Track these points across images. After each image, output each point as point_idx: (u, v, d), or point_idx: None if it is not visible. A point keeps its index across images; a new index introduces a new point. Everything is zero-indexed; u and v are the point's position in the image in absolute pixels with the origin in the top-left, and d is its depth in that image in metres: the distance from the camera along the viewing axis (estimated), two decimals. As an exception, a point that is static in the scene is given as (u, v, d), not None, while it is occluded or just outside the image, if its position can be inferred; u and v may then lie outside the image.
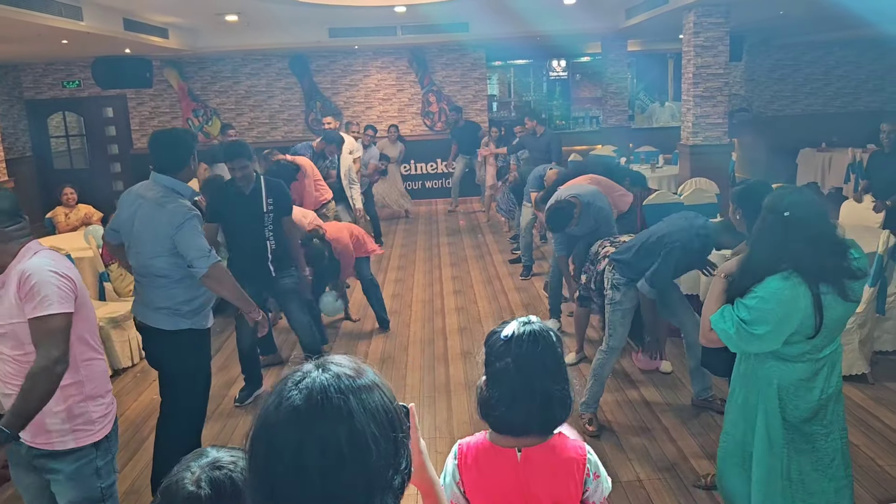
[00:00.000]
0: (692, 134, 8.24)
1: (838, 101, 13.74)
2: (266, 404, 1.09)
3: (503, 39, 11.65)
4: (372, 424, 1.06)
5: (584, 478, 1.78)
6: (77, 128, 13.04)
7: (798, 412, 2.61)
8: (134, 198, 3.52)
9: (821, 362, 2.59)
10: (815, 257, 2.45)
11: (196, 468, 1.45)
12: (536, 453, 1.77)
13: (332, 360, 1.12)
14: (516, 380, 1.74)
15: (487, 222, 11.19)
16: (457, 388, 5.01)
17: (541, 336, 1.76)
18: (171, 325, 3.49)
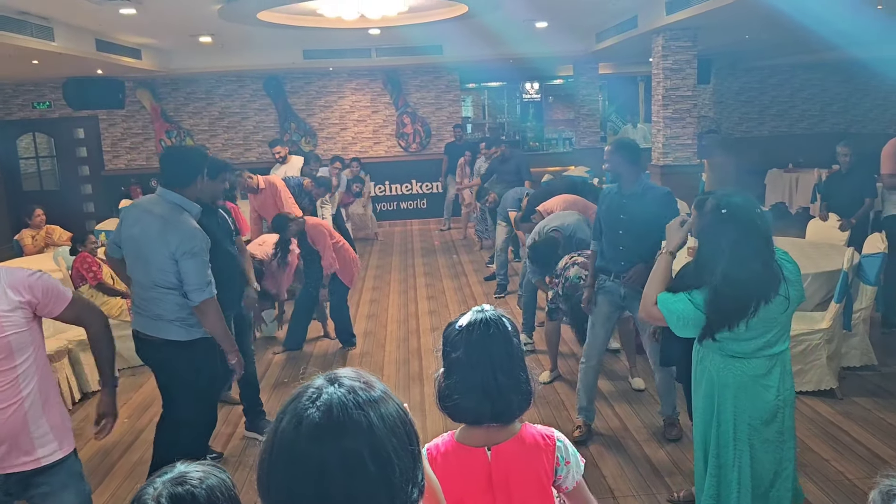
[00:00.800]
0: (663, 154, 8.38)
1: (804, 123, 14.06)
2: (280, 425, 1.05)
3: (477, 62, 11.77)
4: (393, 439, 1.05)
5: (554, 466, 1.79)
6: (47, 149, 12.90)
7: (757, 412, 2.72)
8: (139, 213, 3.53)
9: (773, 360, 2.73)
10: (743, 255, 2.59)
11: (159, 483, 1.42)
12: (506, 449, 1.78)
13: (341, 374, 1.10)
14: (467, 367, 1.75)
15: (463, 240, 11.27)
16: (432, 406, 4.98)
17: (493, 323, 1.77)
18: (186, 335, 3.50)
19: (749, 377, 2.72)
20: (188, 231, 3.40)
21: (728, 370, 2.74)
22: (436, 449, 1.84)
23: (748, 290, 2.60)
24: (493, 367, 1.74)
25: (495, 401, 1.75)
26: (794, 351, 4.75)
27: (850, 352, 5.16)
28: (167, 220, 3.41)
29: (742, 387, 2.73)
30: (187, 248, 3.36)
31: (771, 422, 2.74)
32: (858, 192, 6.33)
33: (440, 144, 13.01)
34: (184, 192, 3.52)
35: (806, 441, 4.21)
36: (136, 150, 12.82)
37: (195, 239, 3.40)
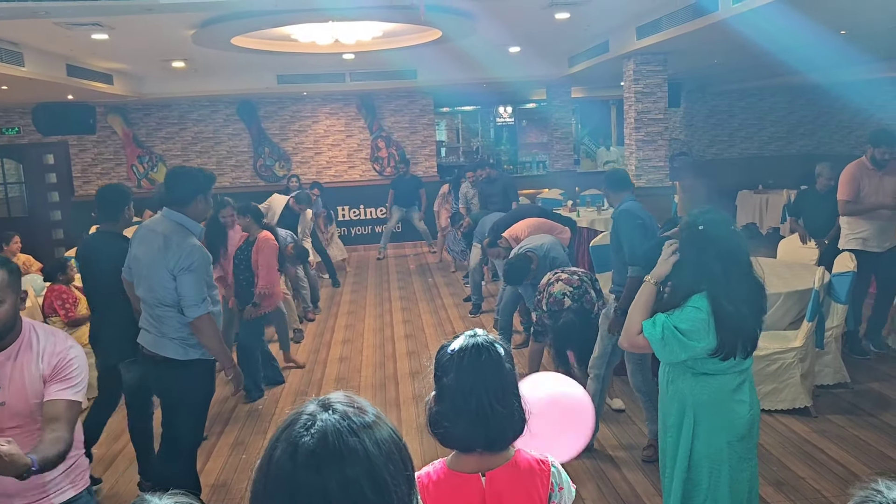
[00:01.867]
0: (635, 176, 8.46)
1: (772, 145, 14.32)
2: (275, 454, 1.03)
3: (451, 86, 11.85)
4: (390, 465, 1.04)
5: (549, 492, 1.75)
6: (16, 175, 12.71)
7: (734, 429, 2.73)
8: (145, 232, 3.65)
9: (743, 375, 2.77)
10: (725, 272, 2.63)
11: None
12: (501, 475, 1.73)
13: (333, 399, 1.08)
14: (459, 393, 1.71)
15: (438, 263, 11.26)
16: (409, 430, 4.95)
17: (484, 348, 1.73)
18: (183, 354, 3.56)
19: (723, 393, 2.73)
20: (187, 247, 3.49)
21: (701, 388, 2.74)
22: (427, 477, 1.78)
23: (744, 306, 2.63)
24: (486, 394, 1.70)
25: (488, 428, 1.70)
26: (768, 370, 4.80)
27: (824, 370, 5.21)
28: (168, 238, 3.51)
29: (717, 404, 2.73)
30: (185, 264, 3.45)
31: (746, 437, 2.76)
32: (834, 212, 6.37)
33: (415, 168, 13.03)
34: (186, 212, 3.61)
35: (782, 459, 4.23)
36: (108, 176, 12.68)
37: (193, 255, 3.48)
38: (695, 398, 2.75)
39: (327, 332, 7.67)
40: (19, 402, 2.30)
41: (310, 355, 6.85)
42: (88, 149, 12.60)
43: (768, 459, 4.23)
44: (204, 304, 3.50)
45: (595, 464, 4.37)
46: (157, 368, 3.65)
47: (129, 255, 3.75)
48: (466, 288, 8.91)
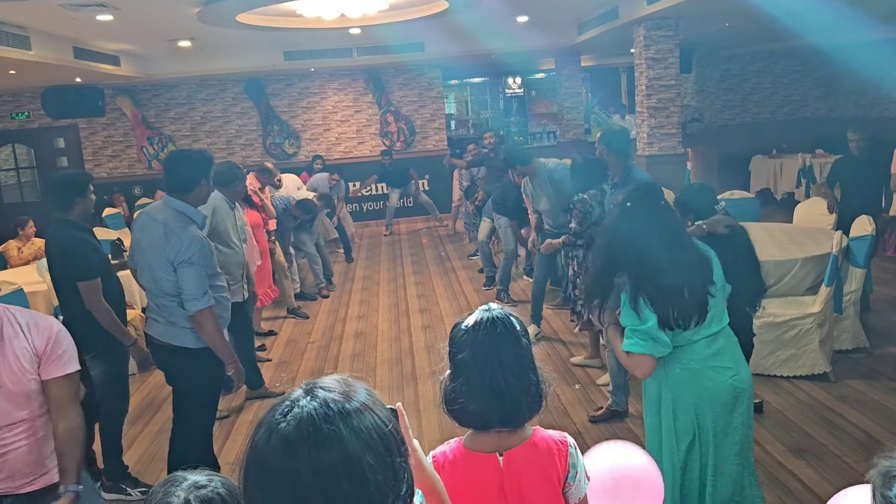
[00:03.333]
0: (647, 144, 8.37)
1: (786, 109, 14.12)
2: (256, 436, 1.05)
3: (458, 58, 11.74)
4: (368, 454, 1.02)
5: (566, 472, 1.73)
6: (27, 160, 12.75)
7: (715, 397, 2.66)
8: (146, 220, 3.53)
9: (717, 340, 2.69)
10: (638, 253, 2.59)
11: (181, 492, 1.42)
12: (518, 454, 1.71)
13: (320, 385, 1.08)
14: (474, 368, 1.68)
15: (451, 236, 11.29)
16: (427, 406, 4.97)
17: (500, 321, 1.70)
18: (197, 342, 3.49)
19: (697, 362, 2.66)
20: (187, 239, 3.37)
21: (673, 362, 2.67)
22: (443, 456, 1.76)
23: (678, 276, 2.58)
24: (500, 368, 1.67)
25: (504, 403, 1.67)
26: (786, 336, 4.78)
27: (842, 335, 5.18)
28: (168, 226, 3.39)
29: (692, 375, 2.66)
30: (185, 256, 3.34)
31: (731, 404, 2.68)
32: (879, 183, 6.12)
33: (425, 142, 12.97)
34: (187, 198, 3.50)
35: (802, 426, 4.21)
36: (118, 158, 12.70)
37: (193, 247, 3.37)
38: (668, 373, 2.69)
39: (342, 307, 7.69)
40: (17, 385, 2.33)
41: (325, 331, 6.88)
42: (98, 131, 12.61)
43: (788, 426, 4.22)
44: (205, 298, 3.40)
45: (615, 434, 4.37)
46: (171, 358, 3.58)
47: (132, 242, 3.66)
48: (476, 259, 8.97)
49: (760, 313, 4.85)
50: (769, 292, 5.01)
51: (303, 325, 7.12)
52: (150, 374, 5.82)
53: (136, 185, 12.40)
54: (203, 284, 3.41)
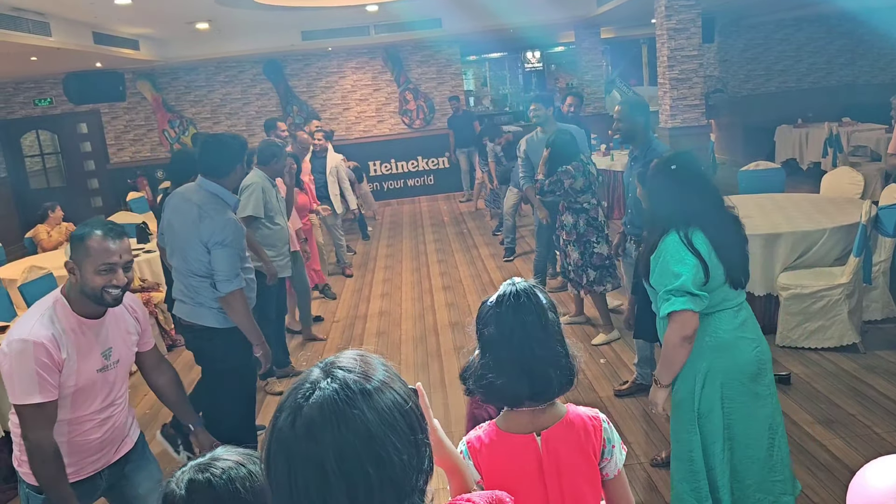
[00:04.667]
0: (670, 117, 8.27)
1: (811, 77, 13.86)
2: (279, 421, 1.05)
3: (476, 34, 11.64)
4: (391, 434, 1.02)
5: (601, 448, 1.72)
6: (52, 146, 12.89)
7: (742, 368, 2.67)
8: (179, 201, 3.58)
9: (741, 310, 2.72)
10: (702, 204, 2.67)
11: (187, 467, 1.47)
12: (555, 433, 1.69)
13: (338, 365, 1.07)
14: (500, 342, 1.66)
15: (473, 212, 11.28)
16: (452, 382, 4.99)
17: (524, 293, 1.68)
18: (225, 322, 3.54)
19: (726, 332, 2.66)
20: (221, 221, 3.43)
21: (702, 333, 2.65)
22: (478, 440, 1.73)
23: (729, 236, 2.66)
24: (527, 340, 1.64)
25: (533, 377, 1.64)
26: (814, 307, 4.73)
27: (871, 305, 5.11)
28: (203, 208, 3.44)
29: (721, 346, 2.65)
30: (219, 238, 3.39)
31: (757, 375, 2.69)
32: None
33: (444, 119, 12.91)
34: (222, 182, 3.55)
35: (831, 397, 4.18)
36: (140, 142, 12.80)
37: (227, 229, 3.42)
38: (699, 342, 2.66)
39: (365, 286, 7.73)
40: (128, 358, 2.59)
41: (349, 310, 6.92)
42: (120, 116, 12.69)
43: (817, 398, 4.19)
44: (237, 280, 3.45)
45: (641, 408, 4.36)
46: (199, 338, 3.62)
47: (163, 222, 3.72)
48: (498, 235, 9.07)
49: (787, 284, 4.82)
50: (796, 263, 4.97)
51: (327, 304, 7.16)
52: (178, 354, 5.90)
53: (159, 169, 12.48)
54: (235, 266, 3.47)
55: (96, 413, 2.46)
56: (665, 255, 2.63)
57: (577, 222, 5.31)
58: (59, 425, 2.35)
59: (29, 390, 2.21)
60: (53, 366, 2.26)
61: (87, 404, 2.43)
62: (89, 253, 2.32)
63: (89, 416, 2.45)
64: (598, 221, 5.33)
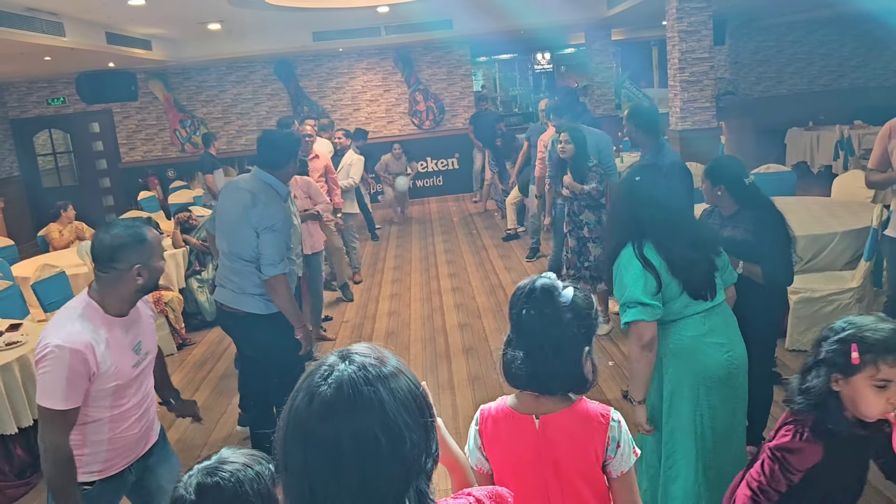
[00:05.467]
0: (680, 119, 8.25)
1: (823, 80, 13.80)
2: (295, 402, 1.08)
3: (487, 35, 11.64)
4: (404, 413, 1.06)
5: (605, 446, 1.72)
6: (64, 145, 12.98)
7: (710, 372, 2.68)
8: (233, 188, 3.80)
9: (712, 316, 2.72)
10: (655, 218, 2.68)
11: (195, 470, 1.47)
12: (555, 420, 1.73)
13: (354, 351, 1.12)
14: (515, 327, 1.75)
15: (482, 213, 11.29)
16: (460, 383, 5.01)
17: (541, 289, 1.74)
18: (266, 308, 3.68)
19: (692, 339, 2.69)
20: (272, 207, 3.61)
21: (668, 337, 2.70)
22: (488, 412, 1.83)
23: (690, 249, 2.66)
24: (538, 331, 1.71)
25: (536, 364, 1.71)
26: (824, 311, 4.72)
27: (881, 310, 5.09)
28: (256, 195, 3.63)
29: (687, 351, 2.69)
30: (269, 223, 3.57)
31: (726, 379, 2.71)
32: None
33: (454, 120, 12.93)
34: (276, 174, 3.75)
35: (840, 401, 4.16)
36: (152, 142, 12.87)
37: (277, 216, 3.61)
38: (663, 348, 2.71)
39: (374, 287, 7.75)
40: (154, 347, 2.66)
41: (358, 311, 6.94)
42: (132, 115, 12.77)
43: (825, 401, 4.17)
44: (282, 265, 3.60)
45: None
46: (239, 325, 3.76)
47: (217, 208, 3.88)
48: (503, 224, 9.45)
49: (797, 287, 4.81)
50: (807, 267, 4.96)
51: (338, 304, 7.19)
52: (189, 353, 5.93)
53: (170, 168, 12.55)
54: (282, 251, 3.61)
55: (135, 408, 2.53)
56: (619, 266, 2.70)
57: (600, 218, 5.34)
58: (100, 424, 2.39)
59: (56, 395, 2.24)
60: (85, 373, 2.29)
61: (126, 400, 2.48)
62: (153, 247, 2.46)
63: (129, 412, 2.50)
64: None
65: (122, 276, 2.39)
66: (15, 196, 11.68)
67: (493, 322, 6.22)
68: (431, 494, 1.11)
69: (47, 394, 2.24)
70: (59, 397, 2.24)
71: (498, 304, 6.68)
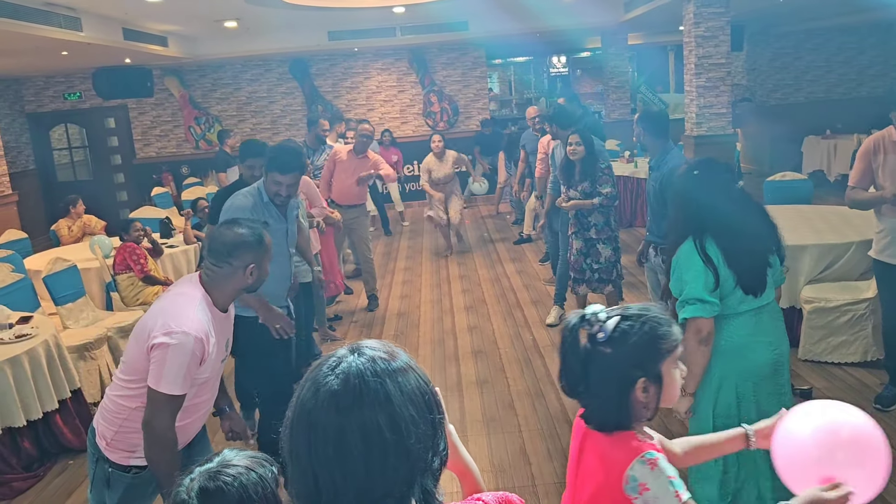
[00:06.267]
0: (696, 125, 8.20)
1: (841, 88, 13.68)
2: (302, 392, 1.08)
3: (503, 37, 11.61)
4: (411, 407, 1.05)
5: (622, 483, 1.59)
6: (80, 139, 13.06)
7: (757, 370, 2.74)
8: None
9: (760, 313, 2.76)
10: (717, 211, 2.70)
11: (196, 473, 1.44)
12: (594, 437, 1.70)
13: (364, 345, 1.11)
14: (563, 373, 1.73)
15: (495, 216, 11.27)
16: (469, 386, 4.98)
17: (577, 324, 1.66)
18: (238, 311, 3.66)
19: (741, 337, 2.73)
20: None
21: (717, 336, 2.72)
22: None
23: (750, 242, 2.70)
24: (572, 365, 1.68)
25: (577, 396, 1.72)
26: (839, 321, 4.66)
27: None
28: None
29: (736, 349, 2.73)
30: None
31: (771, 376, 2.76)
32: None
33: (468, 122, 12.91)
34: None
35: (853, 413, 4.11)
36: (166, 138, 12.92)
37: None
38: (713, 347, 2.72)
39: (384, 287, 7.74)
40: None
41: (367, 311, 6.92)
42: (147, 111, 12.83)
43: (838, 413, 4.12)
44: None
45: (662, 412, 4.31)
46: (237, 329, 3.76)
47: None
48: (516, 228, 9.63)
49: (812, 297, 4.75)
50: (821, 277, 4.90)
51: (346, 304, 7.18)
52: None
53: (184, 165, 12.59)
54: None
55: (205, 403, 2.57)
56: (679, 262, 2.73)
57: (609, 220, 5.37)
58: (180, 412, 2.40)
59: (175, 381, 2.27)
60: (200, 361, 2.34)
61: (206, 391, 2.52)
62: (268, 251, 2.58)
63: (200, 406, 2.53)
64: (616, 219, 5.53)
65: (236, 273, 2.45)
66: (30, 189, 11.74)
67: (502, 325, 6.19)
68: (439, 496, 1.09)
69: (167, 380, 2.26)
70: (178, 384, 2.27)
71: (508, 308, 6.65)
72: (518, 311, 6.54)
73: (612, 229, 5.39)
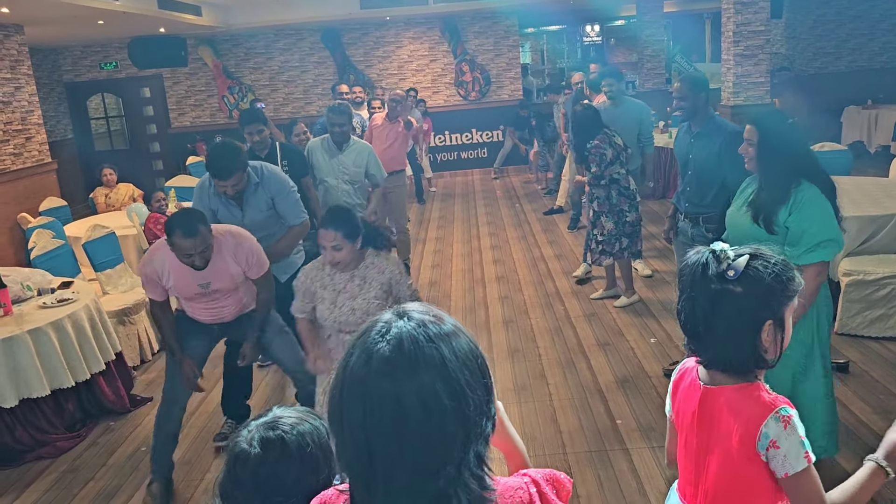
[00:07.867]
0: (733, 94, 8.05)
1: (884, 57, 13.28)
2: (349, 360, 1.04)
3: (536, 5, 11.46)
4: (466, 372, 1.02)
5: (755, 439, 1.57)
6: (116, 109, 13.22)
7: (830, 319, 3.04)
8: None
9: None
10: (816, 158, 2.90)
11: (253, 426, 1.49)
12: (717, 394, 1.66)
13: (410, 308, 1.08)
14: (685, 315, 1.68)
15: (525, 184, 11.31)
16: (500, 355, 5.01)
17: (702, 264, 1.64)
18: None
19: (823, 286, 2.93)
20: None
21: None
22: (684, 363, 1.84)
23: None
24: (695, 304, 1.64)
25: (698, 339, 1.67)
26: (877, 295, 4.60)
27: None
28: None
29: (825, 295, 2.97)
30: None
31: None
32: None
33: (500, 92, 12.81)
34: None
35: (890, 388, 4.06)
36: (201, 108, 13.03)
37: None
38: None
39: (416, 257, 7.78)
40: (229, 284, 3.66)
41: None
42: (181, 81, 12.93)
43: (874, 387, 4.08)
44: None
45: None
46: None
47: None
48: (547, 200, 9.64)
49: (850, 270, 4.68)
50: (860, 249, 4.82)
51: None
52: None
53: (218, 134, 12.66)
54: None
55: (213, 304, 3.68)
56: (802, 203, 2.77)
57: (610, 193, 5.54)
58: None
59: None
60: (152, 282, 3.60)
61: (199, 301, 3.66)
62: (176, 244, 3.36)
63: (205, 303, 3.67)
64: (629, 190, 5.61)
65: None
66: (68, 158, 11.94)
67: (534, 295, 6.20)
68: (489, 460, 1.07)
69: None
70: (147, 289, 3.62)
71: (540, 278, 6.65)
72: (549, 281, 6.54)
73: (612, 203, 5.54)
